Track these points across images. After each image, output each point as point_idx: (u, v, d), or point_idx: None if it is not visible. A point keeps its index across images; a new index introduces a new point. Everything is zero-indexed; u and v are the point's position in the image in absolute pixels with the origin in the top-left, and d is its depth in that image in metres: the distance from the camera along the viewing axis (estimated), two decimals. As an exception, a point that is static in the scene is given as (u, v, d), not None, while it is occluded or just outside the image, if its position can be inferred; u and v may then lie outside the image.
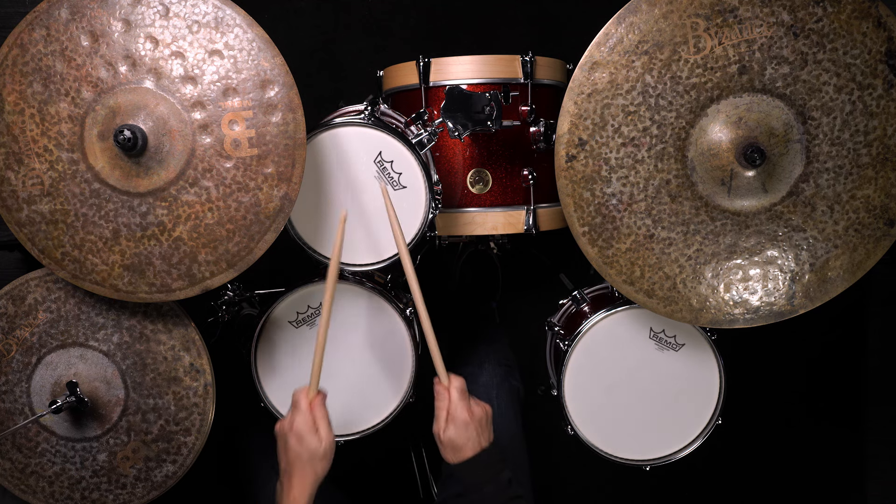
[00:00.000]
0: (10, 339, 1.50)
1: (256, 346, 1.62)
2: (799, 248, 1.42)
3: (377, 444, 1.70)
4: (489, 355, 1.86)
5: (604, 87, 1.37)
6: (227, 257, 1.38)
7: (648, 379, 1.65)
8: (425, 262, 2.06)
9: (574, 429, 1.65)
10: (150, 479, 1.54)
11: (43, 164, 1.35)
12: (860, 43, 1.34)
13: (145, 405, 1.52)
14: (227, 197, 1.35)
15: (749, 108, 1.37)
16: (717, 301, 1.45)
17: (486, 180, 1.70)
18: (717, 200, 1.41)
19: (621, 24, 1.35)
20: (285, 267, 1.74)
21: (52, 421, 1.52)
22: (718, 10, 1.33)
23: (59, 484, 1.54)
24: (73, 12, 1.32)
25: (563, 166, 1.41)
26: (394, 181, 1.52)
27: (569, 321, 1.81)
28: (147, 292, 1.40)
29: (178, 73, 1.33)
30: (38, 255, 1.39)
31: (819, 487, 2.42)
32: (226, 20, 1.32)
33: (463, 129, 1.54)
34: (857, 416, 2.38)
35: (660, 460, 1.67)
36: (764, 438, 2.40)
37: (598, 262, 1.45)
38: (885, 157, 1.38)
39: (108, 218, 1.36)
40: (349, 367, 1.64)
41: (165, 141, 1.33)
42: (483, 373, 1.78)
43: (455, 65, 1.69)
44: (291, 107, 1.34)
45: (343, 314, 1.63)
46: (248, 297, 1.84)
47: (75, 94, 1.33)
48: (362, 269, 1.57)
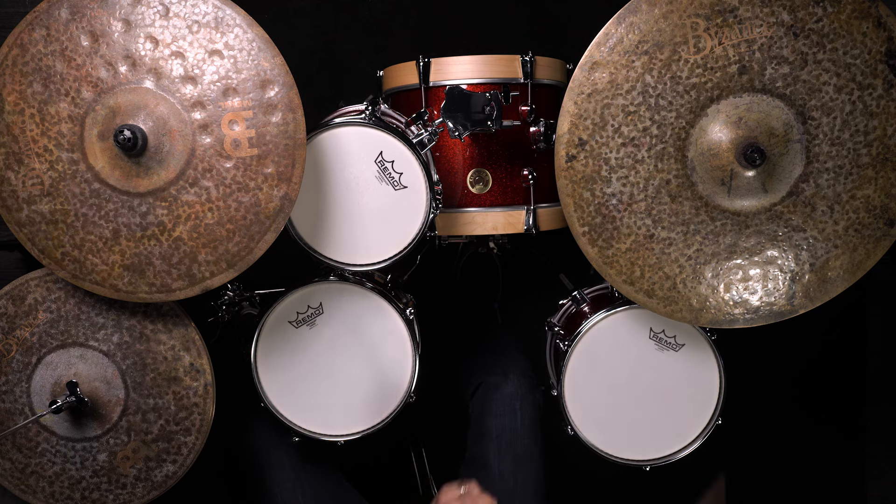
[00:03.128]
0: (10, 339, 1.50)
1: (256, 346, 1.62)
2: (799, 248, 1.42)
3: (377, 444, 1.70)
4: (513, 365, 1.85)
5: (604, 87, 1.37)
6: (227, 257, 1.38)
7: (648, 379, 1.65)
8: (425, 263, 2.06)
9: (574, 429, 1.65)
10: (150, 479, 1.54)
11: (43, 164, 1.35)
12: (860, 43, 1.34)
13: (145, 405, 1.52)
14: (227, 197, 1.35)
15: (749, 108, 1.37)
16: (717, 301, 1.45)
17: (486, 180, 1.70)
18: (717, 200, 1.41)
19: (621, 24, 1.35)
20: (285, 267, 1.74)
21: (52, 421, 1.52)
22: (718, 10, 1.33)
23: (60, 484, 1.54)
24: (73, 12, 1.32)
25: (563, 166, 1.41)
26: (395, 181, 1.52)
27: (569, 321, 1.81)
28: (147, 292, 1.40)
29: (178, 73, 1.33)
30: (38, 255, 1.39)
31: (819, 487, 2.42)
32: (226, 20, 1.32)
33: (463, 129, 1.54)
34: (857, 416, 2.37)
35: (660, 460, 1.67)
36: (764, 438, 2.40)
37: (598, 262, 1.44)
38: (885, 157, 1.38)
39: (108, 218, 1.36)
40: (349, 366, 1.65)
41: (165, 141, 1.33)
42: (508, 384, 1.77)
43: (455, 65, 1.69)
44: (291, 107, 1.34)
45: (343, 314, 1.63)
46: (248, 297, 1.83)
47: (75, 94, 1.33)
48: (362, 269, 1.57)
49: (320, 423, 1.66)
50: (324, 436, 1.66)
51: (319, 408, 1.65)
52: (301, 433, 1.65)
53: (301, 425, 1.65)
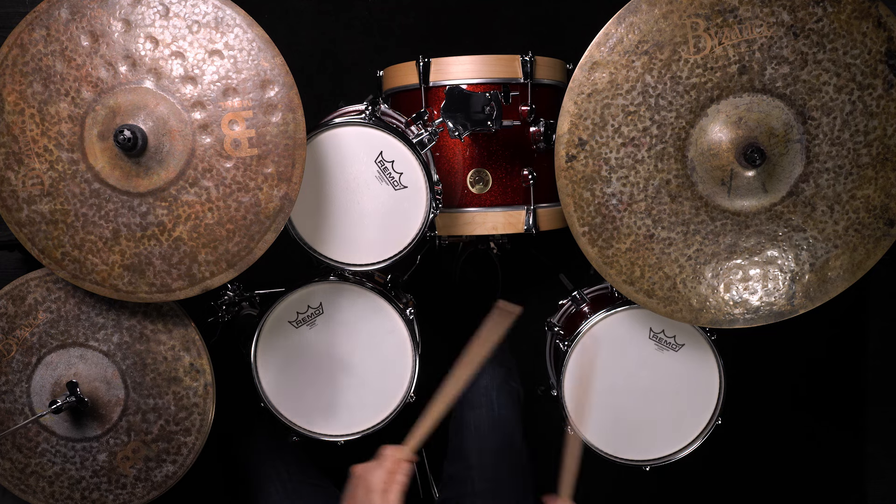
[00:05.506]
0: (10, 339, 1.50)
1: (256, 346, 1.62)
2: (799, 248, 1.42)
3: (377, 443, 1.70)
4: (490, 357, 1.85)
5: (604, 87, 1.37)
6: (227, 257, 1.38)
7: (648, 379, 1.65)
8: (425, 263, 2.06)
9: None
10: (150, 479, 1.54)
11: (43, 164, 1.35)
12: (860, 43, 1.34)
13: (145, 405, 1.52)
14: (227, 197, 1.35)
15: (749, 108, 1.37)
16: (717, 301, 1.45)
17: (486, 180, 1.71)
18: (717, 200, 1.41)
19: (621, 24, 1.35)
20: (285, 267, 1.74)
21: (52, 421, 1.52)
22: (718, 10, 1.33)
23: (59, 484, 1.54)
24: (73, 12, 1.32)
25: (563, 166, 1.41)
26: (395, 181, 1.52)
27: (568, 321, 1.81)
28: (147, 292, 1.40)
29: (178, 73, 1.33)
30: (38, 255, 1.39)
31: (819, 487, 2.42)
32: (226, 20, 1.32)
33: (463, 129, 1.54)
34: (857, 416, 2.38)
35: (660, 460, 1.67)
36: (764, 438, 2.40)
37: (598, 262, 1.44)
38: (885, 157, 1.38)
39: (108, 218, 1.36)
40: (349, 367, 1.65)
41: (165, 141, 1.33)
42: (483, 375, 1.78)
43: (455, 65, 1.69)
44: (291, 107, 1.34)
45: (343, 314, 1.63)
46: (248, 297, 1.84)
47: (75, 94, 1.33)
48: (362, 269, 1.57)
49: (320, 423, 1.66)
50: (324, 436, 1.66)
51: (319, 408, 1.65)
52: (301, 433, 1.65)
53: (301, 425, 1.65)
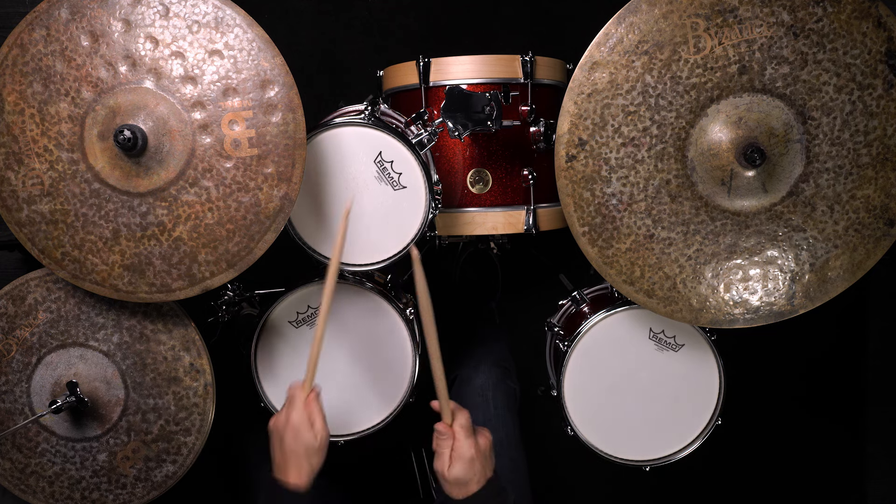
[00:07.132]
0: (10, 339, 1.50)
1: (256, 346, 1.62)
2: (799, 248, 1.42)
3: (377, 443, 1.70)
4: (485, 356, 1.85)
5: (604, 87, 1.37)
6: (227, 257, 1.38)
7: (648, 379, 1.65)
8: (425, 263, 2.06)
9: (574, 429, 1.65)
10: (150, 479, 1.54)
11: (43, 164, 1.35)
12: (860, 43, 1.34)
13: (145, 405, 1.52)
14: (227, 197, 1.35)
15: (749, 108, 1.37)
16: (717, 301, 1.45)
17: (486, 180, 1.70)
18: (717, 200, 1.41)
19: (621, 24, 1.35)
20: (285, 267, 1.74)
21: (52, 421, 1.52)
22: (718, 10, 1.33)
23: (59, 484, 1.54)
24: (73, 12, 1.32)
25: (563, 166, 1.41)
26: (394, 181, 1.52)
27: (568, 321, 1.81)
28: (147, 292, 1.40)
29: (178, 73, 1.33)
30: (38, 255, 1.39)
31: (819, 487, 2.42)
32: (226, 20, 1.32)
33: (463, 129, 1.54)
34: (857, 416, 2.38)
35: (660, 460, 1.67)
36: (764, 438, 2.40)
37: (598, 262, 1.44)
38: (885, 157, 1.38)
39: (108, 218, 1.36)
40: (349, 367, 1.65)
41: (165, 141, 1.33)
42: (479, 375, 1.78)
43: (455, 65, 1.69)
44: (291, 107, 1.34)
45: (343, 314, 1.63)
46: (248, 297, 1.84)
47: (75, 94, 1.33)
48: (362, 269, 1.57)
49: (320, 423, 1.66)
50: (324, 436, 1.66)
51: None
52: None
53: (301, 425, 1.65)
